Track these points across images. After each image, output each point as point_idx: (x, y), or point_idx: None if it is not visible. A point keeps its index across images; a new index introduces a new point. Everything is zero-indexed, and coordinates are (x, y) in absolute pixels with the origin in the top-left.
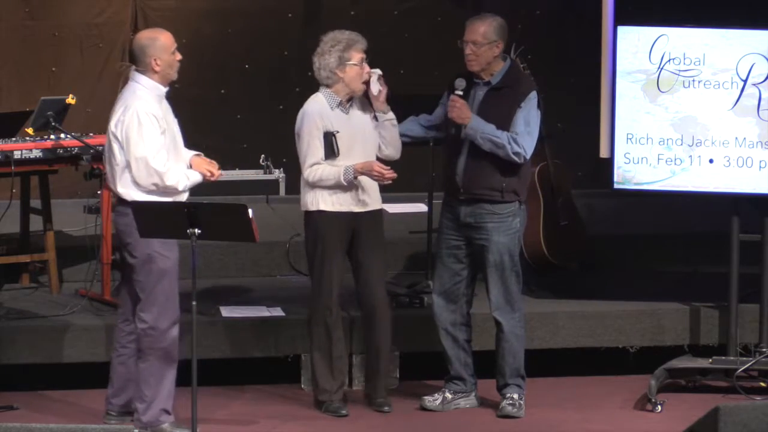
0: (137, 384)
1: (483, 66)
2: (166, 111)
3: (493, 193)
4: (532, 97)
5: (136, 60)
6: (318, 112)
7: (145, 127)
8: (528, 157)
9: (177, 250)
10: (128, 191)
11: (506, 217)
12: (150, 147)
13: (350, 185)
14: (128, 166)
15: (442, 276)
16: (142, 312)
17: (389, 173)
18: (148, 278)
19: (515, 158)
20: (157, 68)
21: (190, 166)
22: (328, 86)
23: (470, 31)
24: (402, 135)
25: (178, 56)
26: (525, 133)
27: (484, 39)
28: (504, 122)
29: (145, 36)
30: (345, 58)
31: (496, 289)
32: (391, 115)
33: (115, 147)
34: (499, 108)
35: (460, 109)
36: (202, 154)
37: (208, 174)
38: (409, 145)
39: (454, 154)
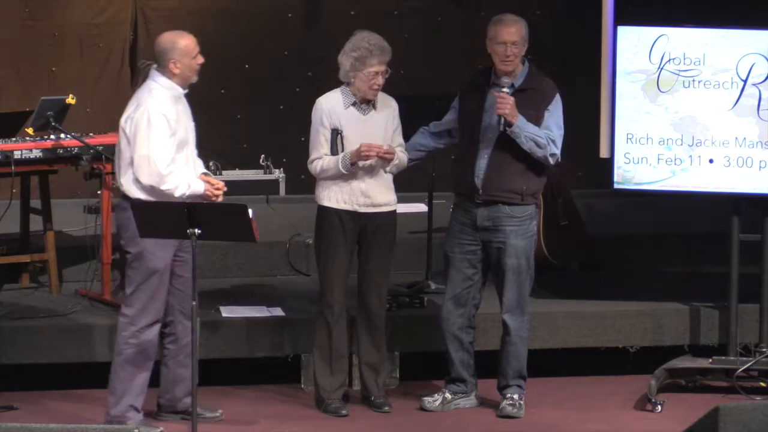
0: (110, 376)
1: (515, 66)
2: (182, 113)
3: (514, 196)
4: (558, 99)
5: (157, 60)
6: (327, 108)
7: (153, 127)
8: (560, 159)
9: (171, 251)
10: (130, 187)
11: (524, 220)
12: (155, 148)
13: (353, 182)
14: (132, 162)
15: (454, 280)
16: (124, 306)
17: (377, 147)
18: (136, 274)
19: (551, 159)
20: (176, 71)
21: None
22: (347, 84)
23: (506, 32)
24: (416, 150)
25: (200, 59)
26: (558, 135)
27: (521, 39)
28: (532, 123)
29: (167, 39)
30: (357, 67)
31: (510, 293)
32: (394, 168)
33: (123, 142)
34: (526, 110)
35: (513, 107)
36: (211, 175)
37: (210, 189)
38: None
39: (473, 155)
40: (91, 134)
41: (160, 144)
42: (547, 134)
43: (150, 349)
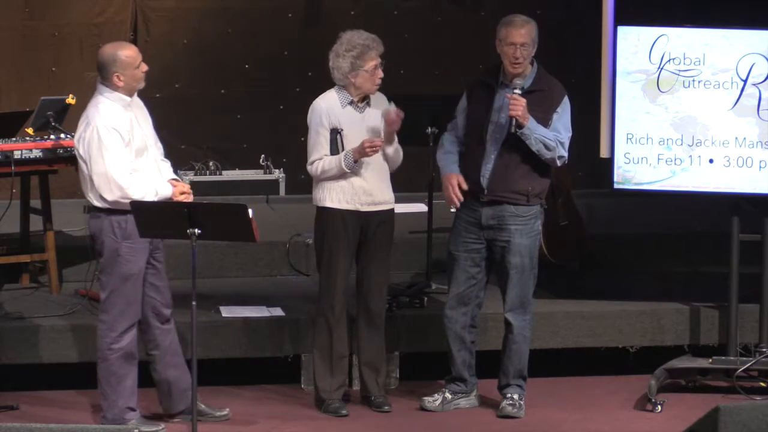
0: (99, 381)
1: (524, 68)
2: (134, 120)
3: (519, 197)
4: (566, 101)
5: (100, 73)
6: (325, 109)
7: (104, 143)
8: (566, 161)
9: (144, 256)
10: (98, 203)
11: (529, 219)
12: (111, 164)
13: (355, 181)
14: (92, 182)
15: (458, 279)
16: (101, 311)
17: (380, 142)
18: (110, 279)
19: (558, 162)
20: (120, 83)
21: None
22: (342, 86)
23: (517, 34)
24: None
25: (144, 68)
26: (566, 138)
27: (531, 41)
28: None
29: (108, 51)
30: (358, 65)
31: (514, 291)
32: (391, 150)
33: (80, 162)
34: (535, 111)
35: (525, 109)
36: (180, 180)
37: (176, 193)
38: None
39: (480, 154)
40: None
41: (114, 159)
42: (555, 136)
43: (132, 349)
